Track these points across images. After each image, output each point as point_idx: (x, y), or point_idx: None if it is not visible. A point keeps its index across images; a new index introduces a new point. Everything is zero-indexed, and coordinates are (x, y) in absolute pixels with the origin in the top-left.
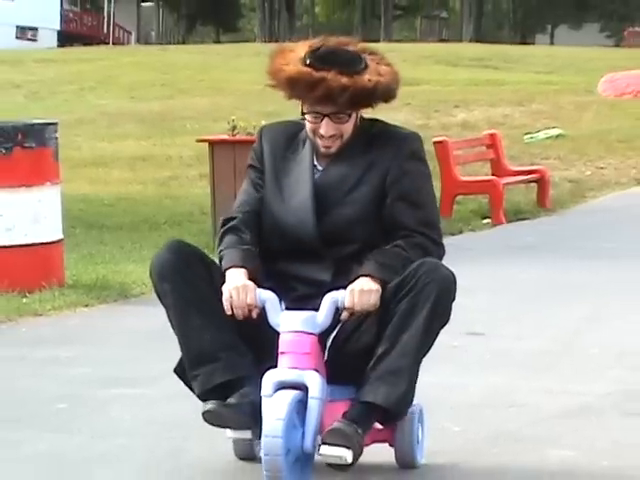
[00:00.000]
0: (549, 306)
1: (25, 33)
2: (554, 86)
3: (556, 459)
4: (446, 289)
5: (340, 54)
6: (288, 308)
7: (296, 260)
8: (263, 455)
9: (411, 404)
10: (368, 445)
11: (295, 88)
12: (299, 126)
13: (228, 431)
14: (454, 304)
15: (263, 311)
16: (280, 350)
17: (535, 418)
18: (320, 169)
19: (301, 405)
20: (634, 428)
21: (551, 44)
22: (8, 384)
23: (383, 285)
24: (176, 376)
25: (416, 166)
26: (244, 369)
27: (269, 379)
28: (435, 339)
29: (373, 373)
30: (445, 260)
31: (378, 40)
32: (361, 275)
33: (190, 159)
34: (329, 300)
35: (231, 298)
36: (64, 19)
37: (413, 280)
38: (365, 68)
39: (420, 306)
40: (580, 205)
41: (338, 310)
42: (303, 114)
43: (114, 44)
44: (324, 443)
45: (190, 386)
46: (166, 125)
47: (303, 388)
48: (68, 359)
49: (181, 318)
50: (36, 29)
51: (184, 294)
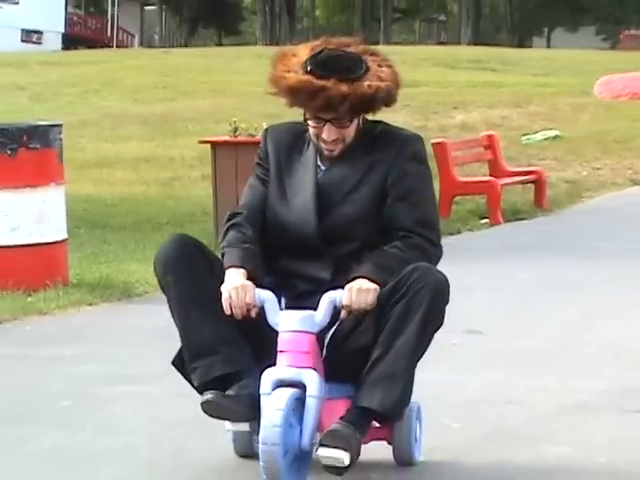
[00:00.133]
0: (546, 305)
1: (30, 36)
2: (551, 88)
3: (553, 455)
4: (439, 293)
5: (341, 59)
6: (288, 307)
7: (297, 258)
8: (261, 445)
9: (406, 406)
10: (367, 443)
11: (296, 97)
12: (304, 127)
13: (227, 424)
14: (453, 303)
15: (262, 310)
16: (279, 349)
17: (532, 415)
18: (323, 169)
19: (299, 403)
20: (630, 425)
21: (548, 47)
22: (13, 381)
23: (381, 285)
24: (174, 368)
25: (417, 167)
26: (243, 363)
27: (268, 377)
28: (430, 342)
29: (368, 378)
30: (444, 260)
31: (378, 43)
32: (359, 276)
33: (192, 160)
34: (327, 299)
35: (230, 298)
36: (68, 22)
37: (406, 285)
38: (366, 72)
39: (414, 311)
40: (577, 205)
41: (336, 309)
42: (306, 119)
43: (118, 47)
44: (322, 445)
45: (188, 378)
46: (169, 127)
47: (301, 386)
48: (72, 357)
49: (182, 311)
50: (41, 32)
51: (186, 287)
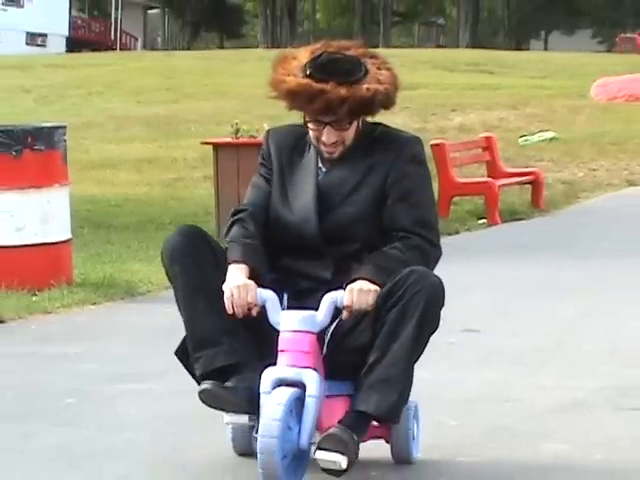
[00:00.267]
0: (543, 304)
1: (35, 39)
2: (548, 90)
3: (550, 453)
4: (435, 297)
5: (340, 63)
6: (290, 304)
7: (299, 257)
8: (259, 454)
9: (403, 409)
10: (365, 441)
11: (295, 100)
12: (304, 129)
13: (225, 416)
14: (450, 302)
15: (263, 310)
16: (279, 348)
17: (529, 413)
18: (324, 171)
19: (298, 402)
20: (626, 422)
21: (545, 50)
22: (18, 379)
23: (381, 286)
24: (176, 358)
25: (416, 169)
26: (245, 355)
27: (268, 376)
28: (426, 345)
29: (366, 381)
30: (442, 259)
31: (377, 46)
32: (360, 277)
33: (195, 161)
34: (328, 300)
35: (232, 296)
36: (73, 26)
37: (403, 288)
38: (365, 75)
39: (409, 315)
40: (573, 206)
41: (337, 309)
42: (305, 122)
43: (121, 50)
44: (320, 448)
45: (190, 369)
46: (171, 128)
47: (301, 386)
48: (76, 355)
49: (188, 301)
50: (45, 35)
51: (192, 278)
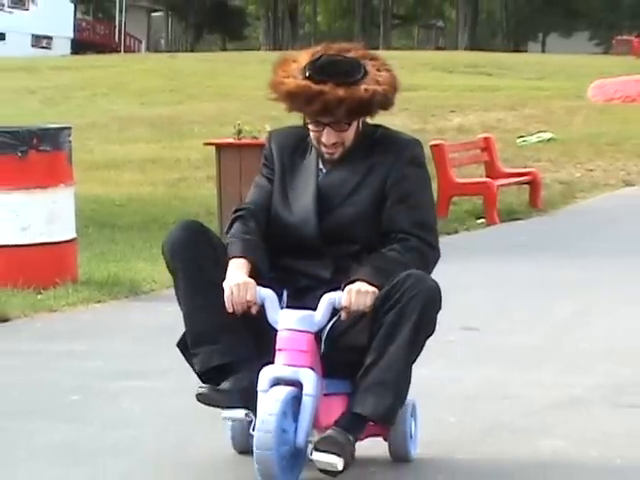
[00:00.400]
0: (541, 302)
1: (40, 41)
2: (545, 92)
3: (548, 449)
4: (431, 300)
5: (339, 64)
6: (290, 302)
7: (299, 256)
8: (255, 449)
9: (399, 411)
10: (363, 440)
11: (294, 102)
12: (306, 130)
13: (223, 412)
14: (450, 300)
15: (262, 308)
16: (277, 347)
17: (528, 410)
18: (324, 172)
19: (295, 401)
20: (622, 419)
21: (542, 52)
22: (24, 377)
23: (379, 288)
24: (178, 350)
25: (415, 171)
26: (242, 352)
27: (265, 375)
28: (422, 348)
29: (362, 383)
30: (441, 258)
31: (377, 48)
32: (358, 279)
33: (198, 162)
34: (326, 300)
35: (231, 294)
36: (77, 28)
37: (400, 291)
38: (364, 76)
39: (406, 318)
40: (570, 206)
41: (335, 309)
42: (305, 123)
43: (125, 52)
44: (316, 449)
45: (191, 362)
46: (175, 129)
47: (298, 385)
48: (81, 353)
49: (187, 296)
50: (51, 38)
51: (192, 274)
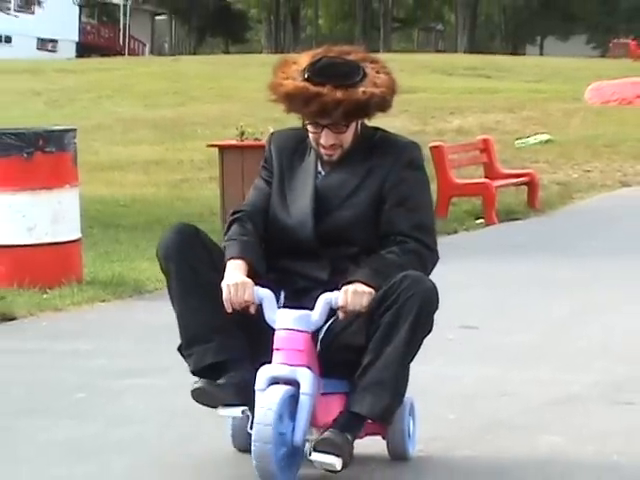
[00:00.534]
0: (539, 301)
1: (46, 45)
2: (543, 94)
3: (546, 445)
4: (428, 301)
5: (338, 66)
6: (287, 303)
7: (296, 258)
8: (253, 442)
9: (396, 410)
10: (361, 438)
11: (292, 103)
12: (306, 132)
13: (219, 410)
14: (449, 299)
15: (260, 308)
16: (275, 346)
17: (526, 407)
18: (323, 174)
19: (293, 400)
20: (619, 416)
21: (540, 55)
22: (30, 375)
23: (376, 289)
24: (178, 353)
25: (414, 174)
26: (235, 352)
27: (263, 374)
28: (419, 348)
29: (360, 383)
30: (441, 258)
31: (378, 51)
32: (355, 280)
33: (201, 163)
34: (323, 300)
35: (230, 294)
36: (82, 31)
37: (397, 292)
38: (363, 78)
39: (403, 319)
40: (568, 206)
41: (332, 310)
42: (304, 125)
43: (129, 55)
44: (315, 450)
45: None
46: (178, 131)
47: (295, 384)
48: (86, 351)
49: (181, 299)
50: (56, 41)
51: (185, 276)
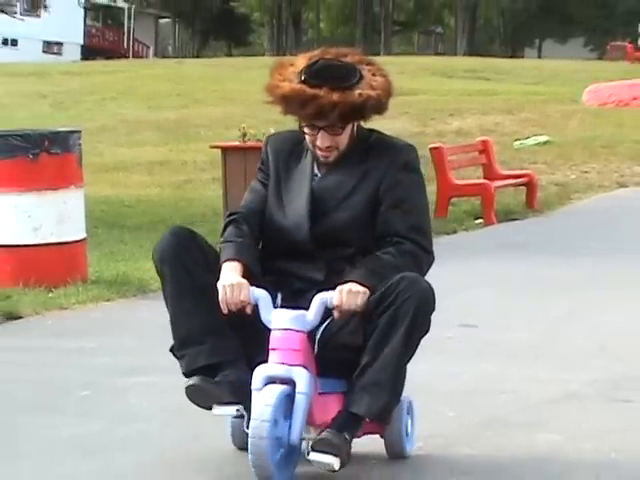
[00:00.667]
0: (537, 300)
1: (51, 47)
2: (541, 96)
3: (544, 443)
4: (425, 302)
5: (334, 69)
6: (284, 304)
7: (293, 259)
8: (249, 438)
9: (394, 410)
10: (360, 437)
11: (289, 105)
12: (302, 134)
13: (214, 409)
14: (448, 298)
15: (256, 308)
16: (271, 346)
17: (524, 404)
18: (319, 176)
19: (289, 399)
20: (617, 414)
21: (539, 57)
22: (35, 373)
23: (371, 290)
24: (171, 354)
25: (409, 176)
26: (229, 354)
27: (259, 374)
28: (416, 348)
29: (358, 383)
30: (441, 258)
31: (378, 54)
32: (350, 280)
33: (204, 164)
34: (319, 300)
35: (225, 295)
36: (87, 34)
37: (394, 294)
38: (359, 81)
39: (400, 320)
40: (566, 207)
41: (327, 309)
42: (301, 127)
43: (134, 57)
44: (313, 450)
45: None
46: (182, 132)
47: (291, 383)
48: (91, 350)
49: (174, 301)
50: (61, 44)
51: (180, 279)
